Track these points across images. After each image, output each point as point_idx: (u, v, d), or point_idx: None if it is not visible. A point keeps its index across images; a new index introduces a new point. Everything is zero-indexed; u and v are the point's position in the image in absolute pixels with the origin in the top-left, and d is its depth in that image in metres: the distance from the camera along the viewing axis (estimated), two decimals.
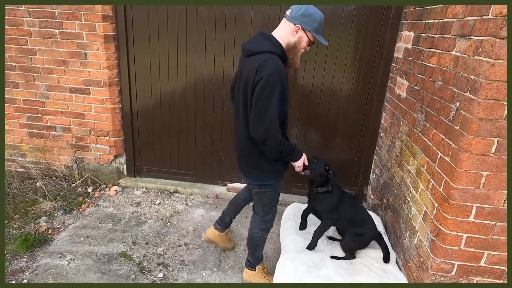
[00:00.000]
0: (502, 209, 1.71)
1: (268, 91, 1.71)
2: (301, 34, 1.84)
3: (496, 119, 1.56)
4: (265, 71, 1.71)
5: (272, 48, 1.80)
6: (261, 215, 2.22)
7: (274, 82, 1.71)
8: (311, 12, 1.80)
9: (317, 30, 1.84)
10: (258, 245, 2.31)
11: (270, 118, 1.74)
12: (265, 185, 2.08)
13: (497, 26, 1.46)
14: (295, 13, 1.81)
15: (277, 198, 2.19)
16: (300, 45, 1.86)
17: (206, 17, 3.04)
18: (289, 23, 1.83)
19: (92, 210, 3.20)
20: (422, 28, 2.33)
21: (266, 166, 1.99)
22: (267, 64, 1.72)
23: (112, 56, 3.19)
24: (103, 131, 3.44)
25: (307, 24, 1.81)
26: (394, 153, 2.67)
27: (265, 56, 1.76)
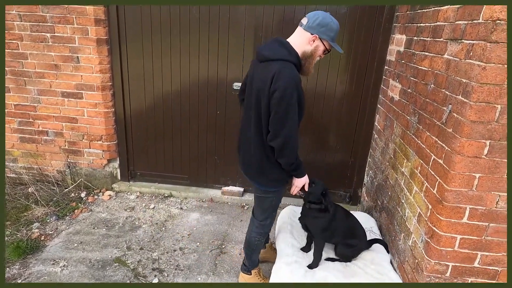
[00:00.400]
0: (494, 210, 1.73)
1: (286, 101, 1.72)
2: (318, 43, 1.84)
3: (488, 121, 1.59)
4: (282, 81, 1.71)
5: (288, 56, 1.79)
6: (260, 219, 2.22)
7: (291, 92, 1.71)
8: (328, 22, 1.80)
9: (333, 39, 1.85)
10: (254, 249, 2.31)
11: (289, 128, 1.76)
12: (269, 191, 2.09)
13: (488, 30, 1.48)
14: (312, 23, 1.80)
15: (277, 204, 2.19)
16: (316, 53, 1.87)
17: (200, 20, 3.04)
18: (306, 33, 1.82)
19: (85, 215, 3.16)
20: (414, 31, 2.35)
21: (273, 173, 1.98)
22: (284, 73, 1.72)
23: (105, 60, 3.17)
24: (96, 135, 3.41)
25: (324, 34, 1.81)
26: (388, 155, 2.69)
27: (281, 64, 1.75)
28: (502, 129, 1.59)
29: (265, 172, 1.98)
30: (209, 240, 2.90)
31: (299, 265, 2.20)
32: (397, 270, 2.28)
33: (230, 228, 3.07)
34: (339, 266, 2.25)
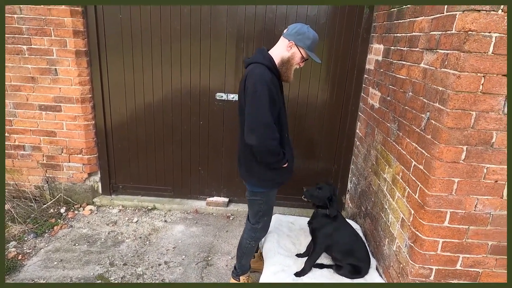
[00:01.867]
0: (473, 213, 1.79)
1: (256, 97, 1.82)
2: (295, 50, 1.97)
3: (464, 128, 1.64)
4: (251, 79, 1.85)
5: (262, 60, 1.94)
6: (252, 222, 2.24)
7: (261, 88, 1.82)
8: (304, 31, 1.94)
9: (309, 48, 1.97)
10: (245, 253, 2.30)
11: (262, 125, 1.83)
12: (255, 193, 2.12)
13: (461, 41, 1.54)
14: (291, 31, 1.96)
15: (266, 210, 2.19)
16: (293, 60, 1.99)
17: (181, 31, 3.04)
18: (285, 40, 1.98)
19: (65, 231, 3.06)
20: (391, 41, 2.43)
21: (259, 173, 2.04)
22: (254, 72, 1.87)
23: (84, 72, 3.12)
24: (76, 148, 3.32)
25: (300, 41, 1.95)
26: (370, 161, 2.74)
27: (253, 66, 1.92)
28: (477, 135, 1.65)
29: (253, 171, 2.05)
30: (194, 252, 2.85)
31: (286, 274, 2.19)
32: (383, 275, 2.31)
33: (215, 240, 3.04)
34: (327, 273, 2.25)
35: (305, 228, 2.69)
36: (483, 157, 1.69)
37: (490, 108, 1.61)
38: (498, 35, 1.50)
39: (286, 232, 2.65)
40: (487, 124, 1.63)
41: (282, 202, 3.53)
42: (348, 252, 2.23)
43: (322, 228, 2.21)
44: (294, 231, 2.69)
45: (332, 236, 2.20)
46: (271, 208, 2.23)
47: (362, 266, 2.24)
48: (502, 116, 1.62)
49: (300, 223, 2.80)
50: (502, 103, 1.60)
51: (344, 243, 2.22)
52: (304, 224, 2.76)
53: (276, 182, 2.11)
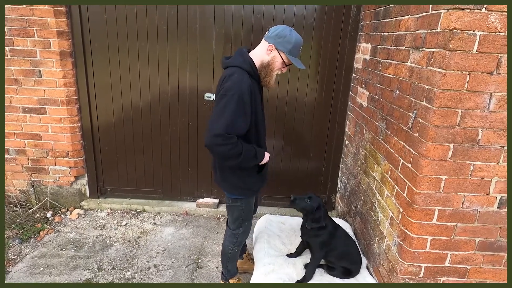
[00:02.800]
0: (461, 211, 1.80)
1: (225, 100, 1.74)
2: (275, 54, 1.86)
3: (451, 125, 1.65)
4: (227, 83, 1.77)
5: (242, 64, 1.83)
6: (232, 228, 2.21)
7: (233, 93, 1.73)
8: (286, 34, 1.81)
9: (291, 52, 1.85)
10: (229, 258, 2.28)
11: (219, 126, 1.72)
12: (234, 199, 2.08)
13: (446, 39, 1.55)
14: (271, 33, 1.84)
15: (247, 215, 2.16)
16: (273, 65, 1.88)
17: (168, 31, 3.01)
18: (265, 42, 1.87)
19: (52, 236, 3.00)
20: (379, 40, 2.44)
21: (233, 180, 1.99)
22: (232, 77, 1.78)
23: (69, 73, 3.06)
24: (62, 151, 3.26)
25: (280, 45, 1.83)
26: (359, 160, 2.75)
27: (233, 69, 1.82)
28: (463, 133, 1.66)
29: (227, 178, 1.99)
30: (184, 255, 2.82)
31: (277, 275, 2.18)
32: (373, 274, 2.32)
33: (206, 241, 3.01)
34: (317, 273, 2.24)
35: (296, 227, 2.69)
36: (469, 155, 1.70)
37: (475, 106, 1.62)
38: (482, 33, 1.51)
39: (277, 232, 2.63)
40: (472, 121, 1.64)
41: (272, 202, 3.52)
42: (342, 256, 2.22)
43: (317, 239, 2.17)
44: (285, 231, 2.68)
45: (329, 244, 2.17)
46: (251, 212, 2.19)
47: (354, 268, 2.23)
48: (487, 114, 1.63)
49: (290, 222, 2.79)
50: (487, 101, 1.61)
51: (339, 248, 2.21)
52: (295, 224, 2.76)
53: (252, 191, 2.06)
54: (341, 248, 2.21)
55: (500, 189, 1.76)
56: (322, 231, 2.15)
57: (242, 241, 2.26)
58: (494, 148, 1.69)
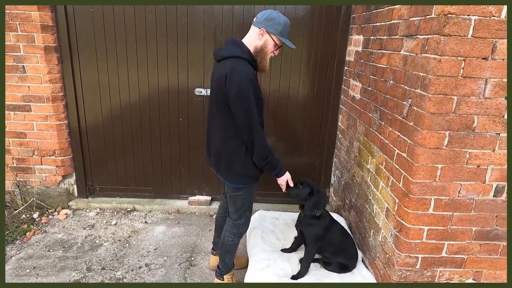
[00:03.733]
0: (457, 199, 1.78)
1: (244, 97, 1.77)
2: (267, 38, 1.90)
3: (446, 113, 1.63)
4: (236, 77, 1.77)
5: (241, 53, 1.85)
6: (233, 218, 2.18)
7: (247, 87, 1.77)
8: (274, 16, 1.87)
9: (282, 33, 1.90)
10: (228, 250, 2.23)
11: (255, 123, 1.83)
12: (239, 188, 2.06)
13: (440, 24, 1.53)
14: (260, 18, 1.89)
15: (249, 204, 2.15)
16: (266, 48, 1.92)
17: (156, 24, 2.94)
18: (255, 28, 1.91)
19: (38, 237, 2.90)
20: (371, 31, 2.41)
21: (242, 169, 1.99)
22: (237, 69, 1.79)
23: (54, 68, 2.96)
24: (48, 150, 3.16)
25: (271, 27, 1.87)
26: (353, 153, 2.72)
27: (234, 61, 1.82)
28: (459, 120, 1.64)
29: (234, 168, 1.99)
30: (177, 253, 2.75)
31: (271, 270, 2.13)
32: (369, 267, 2.29)
33: (199, 239, 2.95)
34: (313, 267, 2.21)
35: (290, 223, 2.65)
36: (465, 142, 1.68)
37: (471, 92, 1.60)
38: (477, 17, 1.49)
39: (271, 228, 2.59)
40: (468, 108, 1.63)
41: (266, 198, 3.48)
42: (338, 251, 2.18)
43: (312, 230, 2.13)
44: (279, 226, 2.64)
45: (324, 237, 2.13)
46: (252, 201, 2.19)
47: (351, 264, 2.20)
48: (483, 100, 1.61)
49: (284, 218, 2.75)
50: (483, 87, 1.59)
51: (335, 243, 2.17)
52: (289, 219, 2.72)
53: (256, 177, 2.07)
54: (336, 243, 2.17)
55: (496, 177, 1.74)
56: (317, 221, 2.12)
57: (243, 232, 2.22)
58: (489, 135, 1.67)
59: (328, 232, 2.14)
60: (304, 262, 2.15)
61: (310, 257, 2.15)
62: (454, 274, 1.94)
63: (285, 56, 3.02)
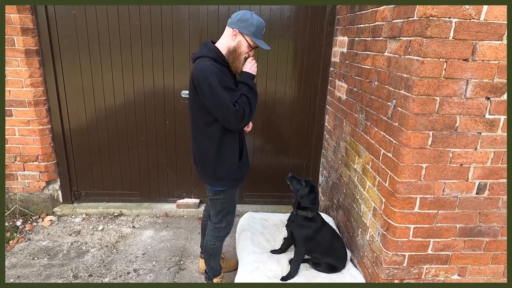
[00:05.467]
0: (442, 198, 1.82)
1: (212, 89, 1.76)
2: (240, 38, 1.89)
3: (430, 113, 1.66)
4: (198, 75, 1.79)
5: (207, 53, 1.87)
6: (214, 221, 2.16)
7: (212, 78, 1.76)
8: (247, 17, 1.86)
9: (255, 34, 1.88)
10: (212, 254, 2.22)
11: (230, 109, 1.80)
12: (218, 192, 2.05)
13: (423, 26, 1.55)
14: (233, 19, 1.89)
15: (231, 207, 2.13)
16: (240, 49, 1.90)
17: (141, 27, 2.90)
18: (229, 29, 1.90)
19: (22, 245, 2.83)
20: (355, 32, 2.44)
21: (216, 172, 1.97)
22: (199, 65, 1.82)
23: (36, 72, 2.90)
24: (31, 155, 3.09)
25: (244, 28, 1.86)
26: (340, 153, 2.75)
27: (199, 61, 1.85)
28: (442, 120, 1.68)
29: (209, 170, 1.98)
30: (166, 257, 2.73)
31: (261, 272, 2.13)
32: (358, 266, 2.31)
33: (188, 243, 2.93)
34: (303, 268, 2.22)
35: (279, 224, 2.66)
36: (448, 142, 1.72)
37: (453, 93, 1.64)
38: (457, 20, 1.52)
39: (260, 229, 2.59)
40: (450, 108, 1.66)
41: (254, 200, 3.48)
42: (328, 252, 2.19)
43: (302, 231, 2.13)
44: (268, 227, 2.64)
45: (313, 239, 2.14)
46: (235, 204, 2.17)
47: (340, 265, 2.22)
48: (465, 101, 1.65)
49: (273, 219, 2.75)
50: (464, 88, 1.63)
51: (324, 245, 2.18)
52: (278, 220, 2.73)
53: (235, 180, 2.04)
54: (326, 245, 2.18)
55: (478, 174, 1.79)
56: (308, 223, 2.13)
57: (225, 235, 2.21)
58: (471, 134, 1.71)
59: (318, 234, 2.16)
60: (294, 263, 2.16)
61: (300, 258, 2.16)
62: (440, 271, 1.98)
63: (271, 58, 3.03)
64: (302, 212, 2.13)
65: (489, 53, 1.58)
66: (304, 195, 2.10)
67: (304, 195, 2.10)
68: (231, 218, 2.18)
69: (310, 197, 2.10)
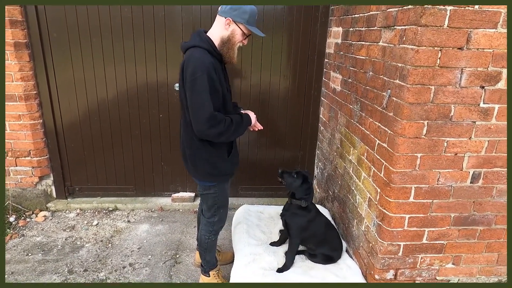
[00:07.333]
0: (436, 187, 1.82)
1: (197, 84, 1.71)
2: (234, 27, 1.83)
3: (424, 102, 1.66)
4: (191, 65, 1.73)
5: (199, 42, 1.80)
6: (207, 216, 2.15)
7: (200, 74, 1.70)
8: (240, 5, 1.80)
9: (249, 22, 1.83)
10: (207, 248, 2.22)
11: (206, 109, 1.72)
12: (208, 187, 2.03)
13: (417, 15, 1.54)
14: (225, 8, 1.83)
15: (222, 201, 2.11)
16: (234, 38, 1.85)
17: (133, 20, 2.86)
18: (221, 18, 1.84)
19: (16, 241, 2.80)
20: (350, 22, 2.42)
21: (206, 168, 1.94)
22: (193, 57, 1.75)
23: (26, 66, 2.84)
24: (23, 150, 3.04)
25: (237, 17, 1.80)
26: (335, 145, 2.75)
27: (192, 50, 1.79)
28: (437, 109, 1.67)
29: (198, 166, 1.95)
30: (161, 251, 2.72)
31: (257, 264, 2.13)
32: (353, 256, 2.32)
33: (183, 236, 2.92)
34: (299, 259, 2.22)
35: (275, 216, 2.66)
36: (443, 131, 1.72)
37: (447, 82, 1.63)
38: (452, 8, 1.51)
39: (255, 222, 2.59)
40: (445, 98, 1.66)
41: (250, 193, 3.47)
42: (322, 242, 2.19)
43: (296, 220, 2.14)
44: (264, 220, 2.64)
45: (307, 229, 2.14)
46: (227, 198, 2.15)
47: (335, 255, 2.22)
48: (459, 90, 1.65)
49: (269, 211, 2.75)
50: (459, 76, 1.63)
51: (319, 235, 2.18)
52: (274, 212, 2.73)
53: (225, 174, 2.02)
54: (320, 235, 2.19)
55: (472, 164, 1.79)
56: (303, 212, 2.13)
57: (219, 229, 2.20)
58: (466, 123, 1.71)
59: (312, 224, 2.16)
60: (289, 254, 2.16)
61: (294, 249, 2.16)
62: (435, 260, 1.99)
63: (265, 49, 3.00)
64: (296, 201, 2.13)
65: (484, 41, 1.57)
66: (297, 187, 2.10)
67: (297, 186, 2.10)
68: (223, 212, 2.16)
69: (303, 187, 2.10)
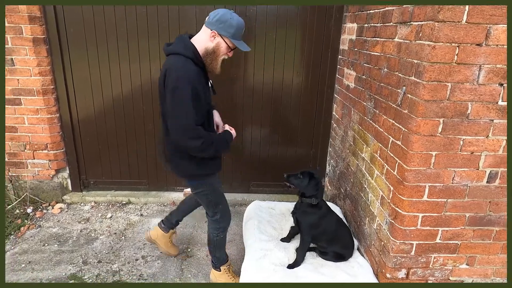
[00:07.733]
0: (451, 186, 1.79)
1: (179, 92, 1.69)
2: (219, 40, 1.81)
3: (441, 100, 1.63)
4: (174, 74, 1.70)
5: (183, 51, 1.77)
6: (210, 215, 2.17)
7: (183, 85, 1.69)
8: (227, 18, 1.77)
9: (234, 36, 1.81)
10: (216, 246, 2.24)
11: (187, 119, 1.70)
12: (195, 185, 2.04)
13: (435, 10, 1.51)
14: (212, 19, 1.79)
15: (216, 197, 2.11)
16: (218, 50, 1.83)
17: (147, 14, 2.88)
18: (207, 29, 1.82)
19: (33, 232, 2.88)
20: (365, 18, 2.39)
21: (187, 169, 1.94)
22: (175, 67, 1.72)
23: (44, 61, 2.91)
24: (41, 144, 3.12)
25: (223, 30, 1.78)
26: (348, 142, 2.73)
27: (175, 58, 1.76)
28: (453, 107, 1.64)
29: (179, 167, 1.95)
30: None
31: (268, 260, 2.14)
32: (365, 254, 2.31)
33: (195, 231, 2.95)
34: (309, 256, 2.22)
35: (286, 212, 2.66)
36: (459, 129, 1.69)
37: (465, 79, 1.60)
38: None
39: (266, 218, 2.59)
40: (462, 95, 1.62)
41: (261, 189, 3.48)
42: (333, 240, 2.18)
43: (307, 218, 2.14)
44: (275, 216, 2.65)
45: (318, 226, 2.14)
46: (220, 193, 2.13)
47: (347, 253, 2.21)
48: (477, 87, 1.61)
49: (280, 208, 2.75)
50: (477, 73, 1.59)
51: (330, 232, 2.17)
52: (285, 209, 2.73)
53: (208, 173, 1.99)
54: (331, 232, 2.18)
55: (489, 163, 1.75)
56: (313, 210, 2.13)
57: (226, 226, 2.22)
58: (483, 121, 1.67)
59: (323, 221, 2.15)
60: (300, 251, 2.16)
61: (305, 246, 2.16)
62: (448, 260, 1.96)
63: (278, 46, 2.99)
64: (306, 199, 2.13)
65: (504, 37, 1.53)
66: (306, 185, 2.10)
67: (305, 185, 2.11)
68: (223, 208, 2.16)
69: (311, 185, 2.11)
